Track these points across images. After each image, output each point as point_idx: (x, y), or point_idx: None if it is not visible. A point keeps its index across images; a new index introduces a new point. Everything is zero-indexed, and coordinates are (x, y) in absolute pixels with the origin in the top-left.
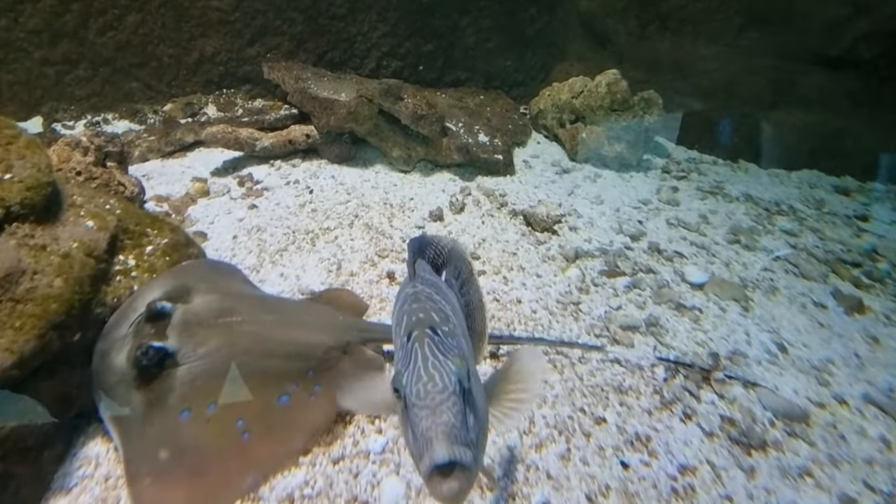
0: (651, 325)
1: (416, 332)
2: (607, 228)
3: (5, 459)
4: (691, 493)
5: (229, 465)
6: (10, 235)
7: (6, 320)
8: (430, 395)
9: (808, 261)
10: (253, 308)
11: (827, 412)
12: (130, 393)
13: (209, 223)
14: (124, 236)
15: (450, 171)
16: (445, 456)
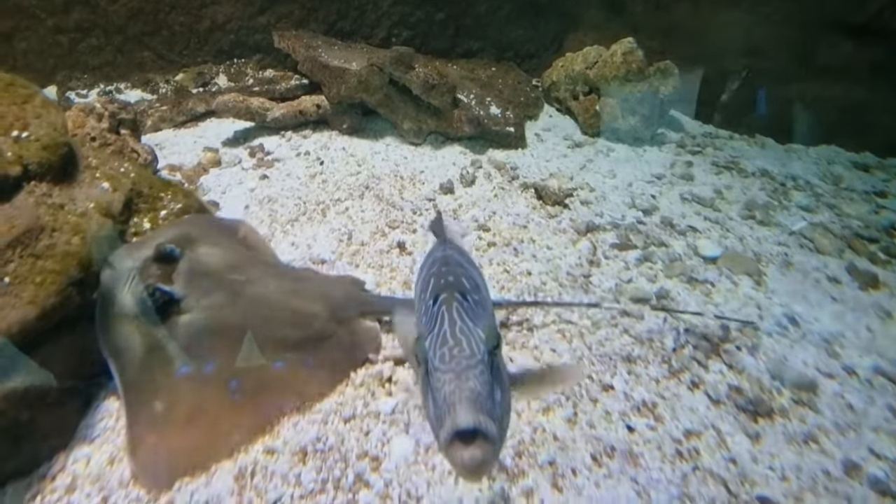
0: (662, 297)
1: (445, 296)
2: (619, 203)
3: (30, 408)
4: (696, 455)
5: (220, 423)
6: (29, 193)
7: (27, 275)
8: (457, 359)
9: (823, 236)
10: (256, 270)
11: (835, 382)
12: (131, 334)
13: (221, 193)
14: (139, 199)
15: (460, 144)
16: (469, 422)
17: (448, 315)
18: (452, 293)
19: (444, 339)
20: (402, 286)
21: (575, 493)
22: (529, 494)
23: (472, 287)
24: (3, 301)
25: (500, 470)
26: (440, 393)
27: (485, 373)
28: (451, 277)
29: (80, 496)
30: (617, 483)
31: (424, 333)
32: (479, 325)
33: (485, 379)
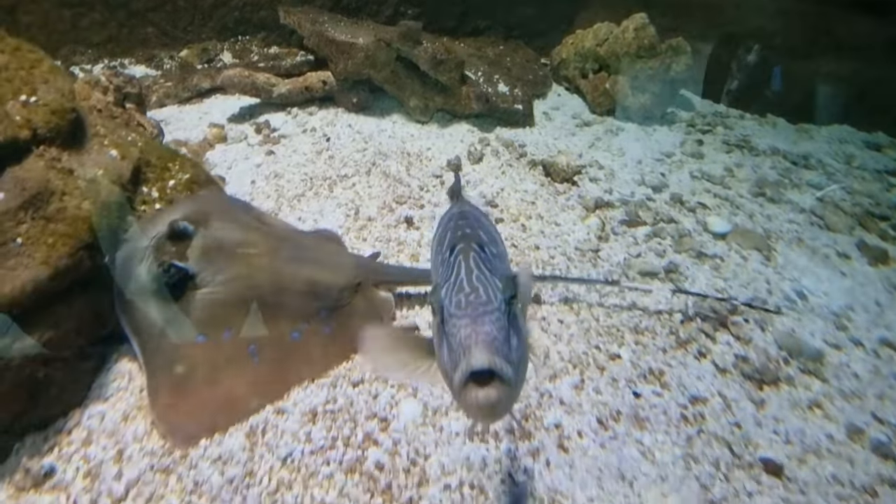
0: (670, 271)
1: (462, 246)
2: (629, 180)
3: (45, 366)
4: (701, 420)
5: (239, 386)
6: (39, 157)
7: (39, 236)
8: (472, 305)
9: (834, 213)
10: (270, 243)
11: (842, 353)
12: (149, 307)
13: (227, 168)
14: (147, 169)
15: (468, 122)
16: (484, 362)
17: (465, 264)
18: (469, 244)
19: (459, 287)
20: (410, 259)
21: (580, 454)
22: (536, 454)
23: (489, 241)
24: (16, 261)
25: (508, 431)
26: (455, 338)
27: (501, 319)
28: (468, 230)
29: (96, 449)
30: (622, 444)
31: (440, 283)
32: (496, 274)
33: (501, 325)
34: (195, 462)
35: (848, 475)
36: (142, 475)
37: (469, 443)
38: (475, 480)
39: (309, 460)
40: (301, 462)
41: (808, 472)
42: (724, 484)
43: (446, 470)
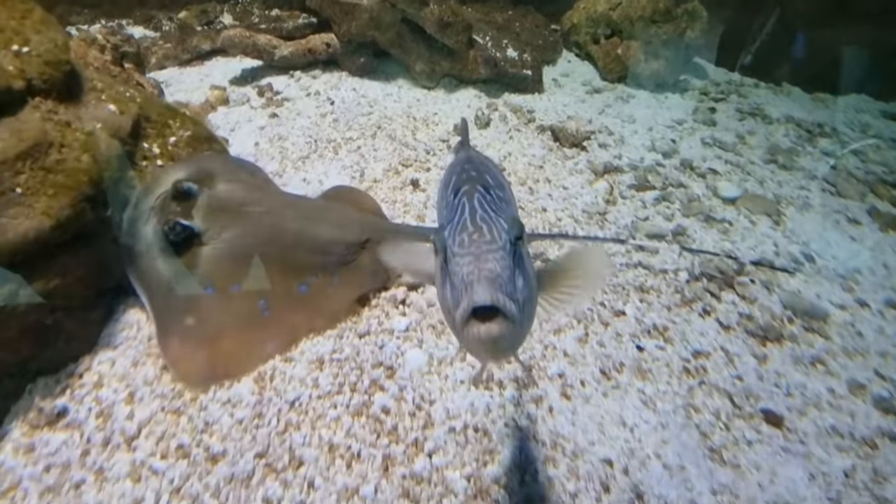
0: (678, 234)
1: (467, 188)
2: (638, 146)
3: (53, 313)
4: (703, 372)
5: (250, 335)
6: (34, 109)
7: (39, 188)
8: (476, 244)
9: (847, 180)
10: (275, 201)
11: (847, 313)
12: (157, 263)
13: (230, 130)
14: (147, 124)
15: (475, 88)
16: (486, 298)
17: (469, 204)
18: (474, 185)
19: (463, 226)
20: (417, 220)
21: (583, 401)
22: (539, 401)
23: (495, 184)
24: (17, 210)
25: (511, 379)
26: (458, 276)
27: (506, 258)
28: (473, 173)
29: (107, 391)
30: (624, 394)
31: (444, 224)
32: (502, 216)
33: (506, 264)
34: (205, 404)
35: (848, 428)
36: (153, 415)
37: (473, 390)
38: (479, 424)
39: (316, 404)
40: (308, 405)
41: (808, 423)
42: (724, 432)
43: (451, 414)
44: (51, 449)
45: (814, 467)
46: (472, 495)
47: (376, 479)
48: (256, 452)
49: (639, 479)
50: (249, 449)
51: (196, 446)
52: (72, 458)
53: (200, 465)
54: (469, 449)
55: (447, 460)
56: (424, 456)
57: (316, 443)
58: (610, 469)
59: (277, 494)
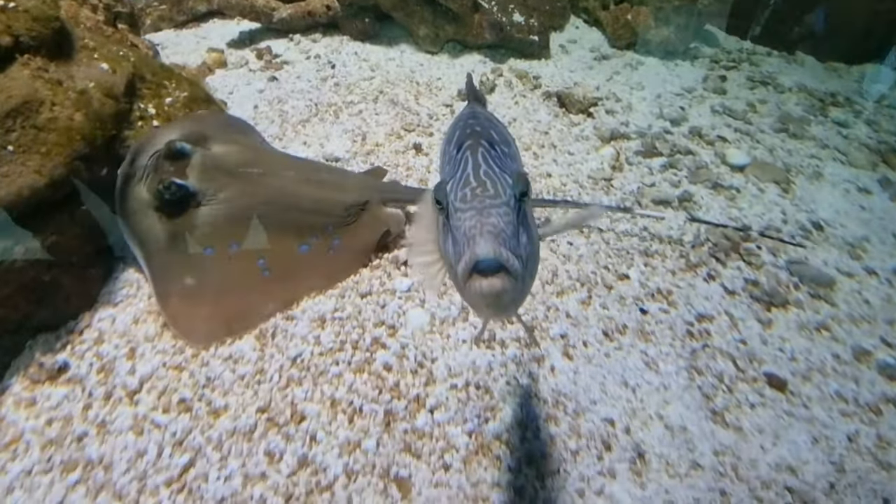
0: (684, 200)
1: (470, 142)
2: (646, 113)
3: (50, 270)
4: (706, 335)
5: (251, 294)
6: (23, 66)
7: (31, 145)
8: (479, 198)
9: (858, 150)
10: (273, 163)
11: (854, 281)
12: (152, 222)
13: (228, 93)
14: (141, 84)
15: (480, 53)
16: (489, 252)
17: (472, 159)
18: (478, 140)
19: (466, 181)
20: (419, 183)
21: (585, 361)
22: (541, 360)
23: (500, 140)
24: (9, 168)
25: (513, 339)
26: (460, 231)
27: (509, 214)
28: (478, 128)
29: (108, 347)
30: (626, 354)
31: (446, 179)
32: (507, 171)
33: (509, 219)
34: (207, 360)
35: (852, 393)
36: (155, 371)
37: (475, 349)
38: (481, 381)
39: (318, 360)
40: (310, 362)
41: (811, 388)
42: (727, 395)
43: (453, 372)
44: (52, 403)
45: (817, 431)
46: (474, 451)
47: (378, 434)
48: (258, 407)
49: (640, 439)
50: (251, 404)
51: (198, 401)
52: (73, 412)
53: (202, 419)
54: (471, 405)
55: (449, 416)
56: (426, 412)
57: (318, 398)
58: (612, 428)
59: (280, 447)
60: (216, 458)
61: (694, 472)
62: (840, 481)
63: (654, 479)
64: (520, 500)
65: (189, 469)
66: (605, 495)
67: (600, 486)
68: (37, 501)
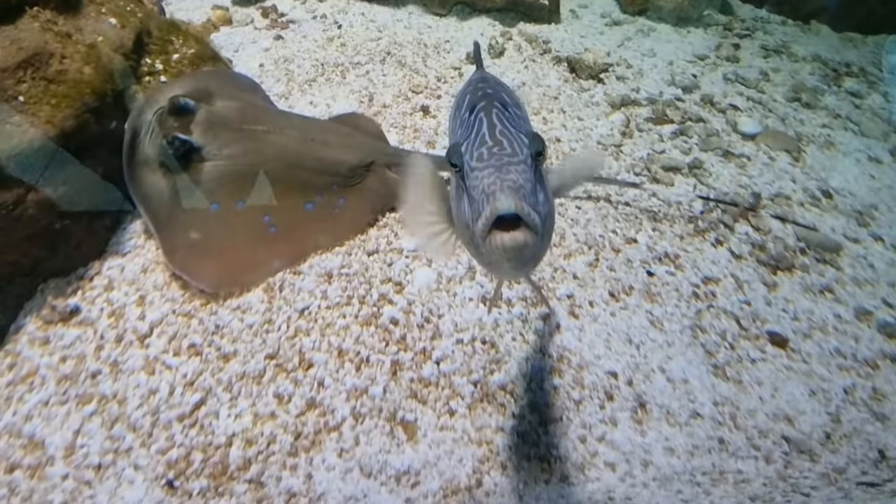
0: (694, 167)
1: (484, 104)
2: (658, 80)
3: (62, 218)
4: (711, 297)
5: (257, 248)
6: (33, 18)
7: (41, 97)
8: (497, 156)
9: (871, 120)
10: (278, 121)
11: (860, 246)
12: (157, 177)
13: (233, 51)
14: (148, 40)
15: (489, 16)
16: (511, 206)
17: (487, 120)
18: (492, 101)
19: (482, 141)
20: (427, 146)
21: (591, 320)
22: (546, 318)
23: (512, 102)
24: (21, 118)
25: (520, 298)
26: (477, 189)
27: (527, 171)
28: (489, 90)
29: (118, 294)
30: (632, 314)
31: (460, 141)
32: (522, 131)
33: (528, 177)
34: (215, 310)
35: (851, 350)
36: (164, 317)
37: (482, 306)
38: (487, 337)
39: (325, 313)
40: (317, 314)
41: (812, 345)
42: (729, 351)
43: (459, 327)
44: (65, 342)
45: (815, 384)
46: (479, 398)
47: (384, 381)
48: (267, 354)
49: (642, 390)
50: (260, 350)
51: (208, 346)
52: (86, 352)
53: (212, 362)
54: (476, 358)
55: (454, 367)
56: (432, 363)
57: (325, 348)
58: (614, 380)
59: (288, 391)
60: (226, 398)
61: (693, 421)
62: (836, 432)
63: (655, 427)
64: (522, 443)
65: (200, 406)
66: (606, 441)
67: (602, 433)
68: (54, 429)
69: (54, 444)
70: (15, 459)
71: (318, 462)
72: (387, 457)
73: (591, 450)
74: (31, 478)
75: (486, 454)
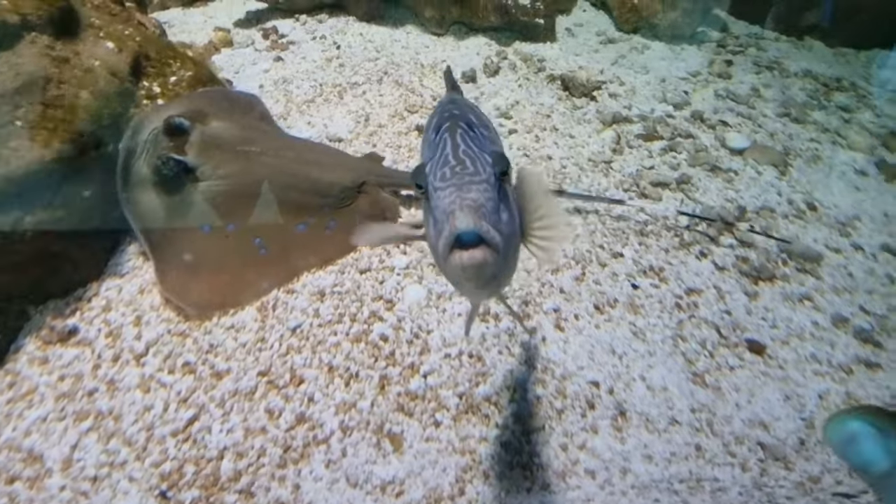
0: (682, 182)
1: (448, 124)
2: (650, 97)
3: (60, 241)
4: (693, 308)
5: (247, 270)
6: (31, 43)
7: (39, 122)
8: (458, 175)
9: (858, 133)
10: (271, 142)
11: (841, 256)
12: (151, 198)
13: (234, 72)
14: (146, 63)
15: (485, 35)
16: (469, 223)
17: (451, 140)
18: (457, 122)
19: (445, 161)
20: None
21: (575, 332)
22: (533, 332)
23: (479, 123)
24: (18, 143)
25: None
26: (440, 209)
27: (489, 191)
28: (456, 111)
29: (115, 314)
30: (616, 326)
31: (425, 162)
32: (486, 151)
33: (490, 196)
34: (209, 329)
35: (827, 355)
36: (160, 337)
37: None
38: (474, 351)
39: (317, 331)
40: (309, 332)
41: (789, 351)
42: (708, 359)
43: (447, 342)
44: (63, 362)
45: (790, 390)
46: (464, 410)
47: (372, 396)
48: (259, 371)
49: (623, 399)
50: (252, 368)
51: (202, 364)
52: (84, 371)
53: (206, 380)
54: (463, 372)
55: (441, 381)
56: (419, 377)
57: (316, 364)
58: (596, 390)
59: (279, 406)
60: (219, 414)
61: (672, 428)
62: (810, 437)
63: (634, 435)
64: (505, 452)
65: (194, 422)
66: (586, 449)
67: (583, 441)
68: (52, 443)
69: (52, 457)
70: (15, 472)
71: (305, 473)
72: (373, 467)
73: (573, 458)
74: (30, 488)
75: (469, 463)
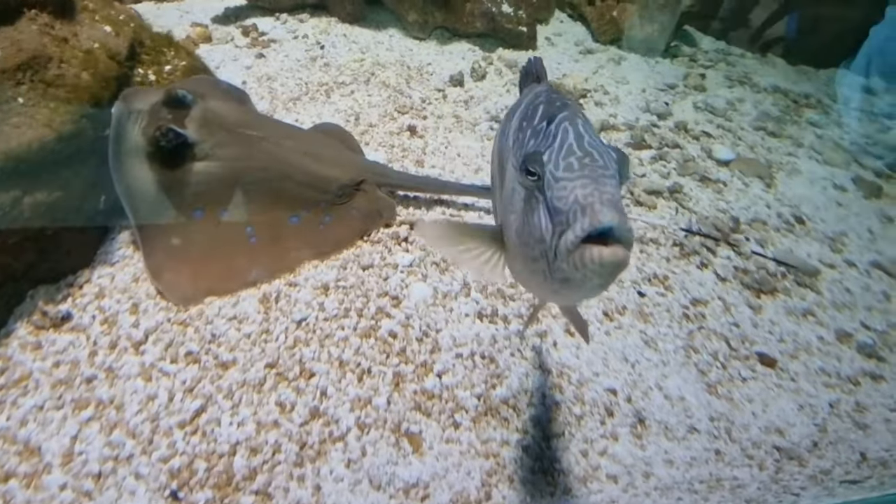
0: (674, 191)
1: (566, 114)
2: (633, 106)
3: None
4: (701, 318)
5: (236, 258)
6: (31, 20)
7: (40, 100)
8: (590, 167)
9: (833, 150)
10: (273, 129)
11: (836, 272)
12: (144, 171)
13: (215, 68)
14: (141, 50)
15: (469, 42)
16: (614, 219)
17: (573, 129)
18: (574, 112)
19: (569, 151)
20: (415, 164)
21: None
22: (544, 335)
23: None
24: (19, 120)
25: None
26: (564, 200)
27: (618, 188)
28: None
29: (110, 301)
30: (626, 333)
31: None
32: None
33: (620, 193)
34: (211, 319)
35: (834, 369)
36: (159, 325)
37: (478, 322)
38: (486, 352)
39: (323, 325)
40: (316, 326)
41: (798, 364)
42: (721, 371)
43: (458, 342)
44: (58, 348)
45: (803, 400)
46: (483, 412)
47: (388, 392)
48: (266, 363)
49: (641, 407)
50: (259, 359)
51: (205, 354)
52: (80, 357)
53: (211, 370)
54: (477, 372)
55: (456, 381)
56: (434, 376)
57: (325, 358)
58: (614, 397)
59: (291, 399)
60: (227, 406)
61: (691, 436)
62: (822, 440)
63: (654, 442)
64: (527, 457)
65: (201, 413)
66: (608, 455)
67: (603, 447)
68: (50, 434)
69: (51, 450)
70: (10, 467)
71: (325, 473)
72: (395, 468)
73: (594, 463)
74: (27, 487)
75: (493, 467)
